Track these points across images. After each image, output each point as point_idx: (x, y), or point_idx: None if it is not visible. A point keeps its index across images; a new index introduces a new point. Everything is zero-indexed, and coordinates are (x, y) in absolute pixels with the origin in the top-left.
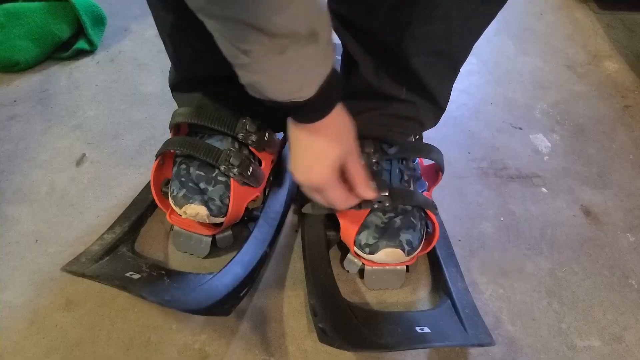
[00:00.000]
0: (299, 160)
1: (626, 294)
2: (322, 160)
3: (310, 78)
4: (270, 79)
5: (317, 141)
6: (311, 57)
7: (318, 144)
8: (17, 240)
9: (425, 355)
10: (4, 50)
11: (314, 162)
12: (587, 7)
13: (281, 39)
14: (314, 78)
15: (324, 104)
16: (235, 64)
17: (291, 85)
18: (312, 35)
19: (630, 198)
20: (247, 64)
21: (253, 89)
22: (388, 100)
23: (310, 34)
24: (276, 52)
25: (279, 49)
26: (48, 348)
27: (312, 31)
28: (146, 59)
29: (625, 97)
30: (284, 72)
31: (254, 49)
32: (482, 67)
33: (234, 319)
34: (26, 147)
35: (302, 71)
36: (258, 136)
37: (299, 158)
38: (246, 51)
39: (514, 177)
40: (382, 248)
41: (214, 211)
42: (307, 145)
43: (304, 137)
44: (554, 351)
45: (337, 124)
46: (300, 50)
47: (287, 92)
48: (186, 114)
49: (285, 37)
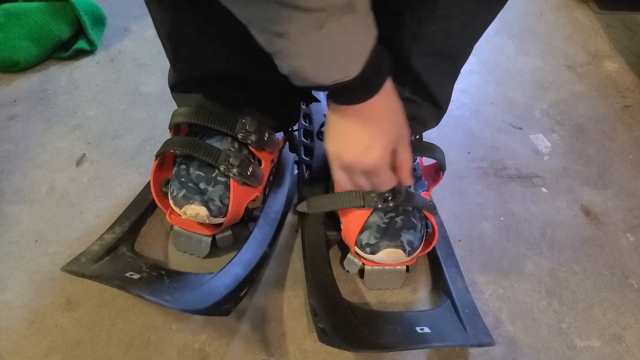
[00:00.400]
0: (351, 144)
1: (626, 294)
2: (381, 140)
3: (355, 53)
4: (312, 60)
5: (371, 121)
6: (352, 29)
7: (374, 124)
8: (17, 240)
9: (425, 355)
10: (4, 50)
11: (372, 142)
12: (587, 7)
13: (317, 13)
14: (358, 52)
15: (374, 79)
16: (273, 52)
17: (335, 64)
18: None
19: (630, 198)
20: (285, 48)
21: (296, 76)
22: None
23: (346, 4)
24: (314, 29)
25: (316, 25)
26: (48, 348)
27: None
28: (146, 59)
29: (625, 97)
30: (325, 50)
31: (290, 29)
32: (482, 67)
33: (234, 319)
34: (26, 147)
35: (345, 46)
36: (258, 136)
37: (352, 142)
38: (282, 34)
39: (514, 177)
40: (383, 248)
41: (214, 211)
42: (361, 126)
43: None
44: (554, 351)
45: (390, 101)
46: (339, 23)
47: (332, 73)
48: (186, 114)
49: (321, 11)
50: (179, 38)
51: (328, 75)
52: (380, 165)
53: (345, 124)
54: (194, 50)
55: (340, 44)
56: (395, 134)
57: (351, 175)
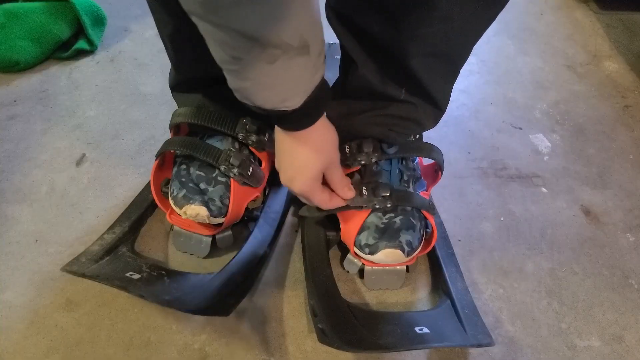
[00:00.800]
0: (282, 169)
1: (626, 294)
2: (304, 172)
3: (298, 89)
4: (258, 86)
5: (300, 151)
6: (301, 69)
7: (301, 154)
8: (17, 240)
9: (425, 355)
10: (4, 50)
11: (296, 173)
12: (587, 7)
13: (272, 49)
14: (301, 89)
15: (310, 114)
16: (224, 68)
17: (278, 95)
18: (303, 47)
19: (630, 198)
20: (236, 70)
21: (240, 94)
22: (388, 100)
23: (301, 46)
24: (266, 62)
25: (269, 59)
26: (48, 348)
27: (304, 43)
28: (146, 59)
29: (625, 97)
30: (272, 81)
31: (244, 57)
32: (482, 67)
33: (234, 319)
34: (26, 147)
35: (291, 81)
36: (258, 136)
37: (283, 166)
38: (236, 58)
39: (514, 177)
40: (382, 248)
41: (214, 211)
42: (290, 154)
43: (288, 144)
44: (554, 351)
45: (321, 134)
46: (290, 61)
47: (274, 101)
48: (186, 114)
49: (276, 48)
50: (181, 39)
51: (269, 102)
52: (305, 193)
53: (282, 146)
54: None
55: (287, 80)
56: (321, 164)
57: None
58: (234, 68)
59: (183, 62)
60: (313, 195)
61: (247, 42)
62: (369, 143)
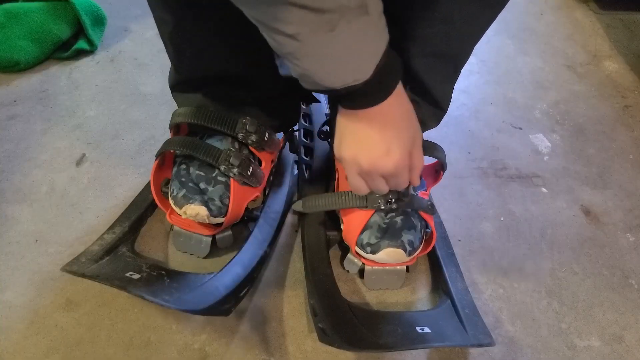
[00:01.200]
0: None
1: (626, 294)
2: (398, 143)
3: (366, 56)
4: (323, 63)
5: (388, 124)
6: (364, 32)
7: (390, 126)
8: (17, 240)
9: (425, 355)
10: (4, 50)
11: (391, 145)
12: (587, 7)
13: (329, 14)
14: (370, 55)
15: (385, 83)
16: (284, 53)
17: (346, 67)
18: (361, 7)
19: (630, 198)
20: (296, 50)
21: (307, 79)
22: None
23: (359, 5)
24: (325, 30)
25: (328, 26)
26: (48, 348)
27: (361, 2)
28: (146, 59)
29: (625, 97)
30: (336, 52)
31: (300, 31)
32: (482, 67)
33: (234, 319)
34: (26, 147)
35: (356, 49)
36: (258, 136)
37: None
38: (293, 35)
39: (514, 177)
40: (384, 248)
41: (214, 211)
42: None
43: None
44: (554, 351)
45: (403, 103)
46: (351, 25)
47: (342, 76)
48: (186, 114)
49: (332, 12)
50: (180, 38)
51: (339, 78)
52: (400, 168)
53: (358, 128)
54: (196, 51)
55: (352, 47)
56: (411, 136)
57: (369, 179)
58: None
59: (183, 62)
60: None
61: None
62: None
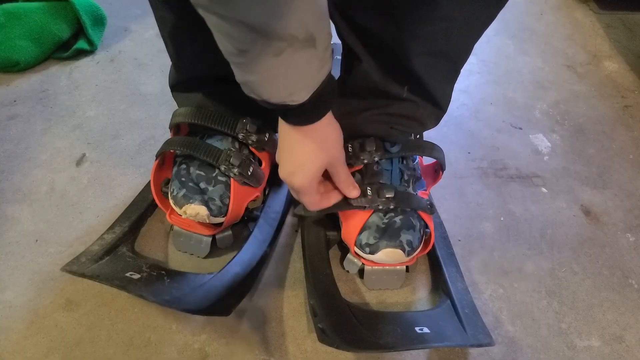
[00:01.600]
0: (283, 163)
1: (626, 294)
2: (305, 169)
3: (305, 82)
4: (264, 80)
5: (303, 147)
6: (307, 62)
7: (304, 150)
8: (17, 240)
9: (425, 355)
10: (4, 50)
11: (297, 168)
12: (587, 7)
13: (278, 42)
14: (308, 83)
15: (316, 109)
16: (231, 61)
17: (285, 88)
18: (309, 40)
19: (630, 198)
20: (243, 63)
21: (247, 87)
22: (390, 98)
23: (307, 39)
24: (272, 54)
25: (275, 52)
26: (48, 348)
27: (310, 36)
28: (146, 59)
29: (625, 97)
30: (278, 74)
31: (250, 49)
32: (482, 67)
33: (234, 319)
34: (26, 147)
35: (297, 75)
36: (258, 136)
37: (285, 160)
38: (242, 51)
39: (514, 177)
40: (383, 248)
41: (214, 211)
42: (293, 149)
43: (291, 138)
44: (554, 351)
45: (326, 130)
46: (296, 54)
47: (280, 95)
48: (186, 114)
49: (282, 40)
50: (182, 37)
51: (275, 96)
52: (302, 190)
53: (285, 140)
54: (197, 50)
55: (293, 73)
56: (324, 161)
57: None
58: (241, 61)
59: (183, 61)
60: (307, 193)
61: (253, 33)
62: (372, 142)
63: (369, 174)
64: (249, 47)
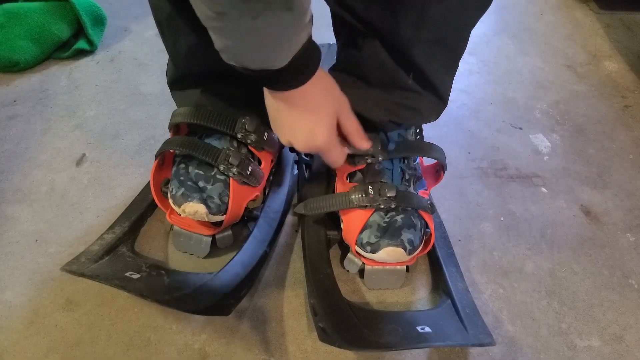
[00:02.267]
0: (296, 130)
1: (626, 294)
2: (320, 121)
3: (283, 47)
4: (242, 44)
5: (307, 105)
6: (284, 25)
7: (310, 107)
8: (17, 240)
9: (425, 355)
10: (4, 50)
11: (313, 126)
12: (587, 7)
13: (255, 3)
14: (286, 47)
15: (298, 74)
16: (208, 26)
17: (263, 52)
18: (286, 2)
19: (630, 198)
20: (220, 27)
21: (226, 54)
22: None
23: (284, 1)
24: (249, 17)
25: (252, 14)
26: (48, 348)
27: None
28: (146, 59)
29: (625, 97)
30: (256, 38)
31: (227, 12)
32: (482, 67)
33: (234, 319)
34: (26, 147)
35: (275, 39)
36: (257, 135)
37: (295, 127)
38: (219, 13)
39: (514, 177)
40: (384, 247)
41: (212, 209)
42: (299, 112)
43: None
44: (554, 351)
45: (321, 85)
46: (273, 16)
47: (259, 60)
48: (185, 114)
49: (258, 2)
50: (178, 27)
51: (254, 61)
52: (328, 144)
53: (283, 112)
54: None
55: (270, 36)
56: (332, 109)
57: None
58: (218, 25)
59: (180, 52)
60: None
61: None
62: (377, 141)
63: (370, 173)
64: (226, 9)
